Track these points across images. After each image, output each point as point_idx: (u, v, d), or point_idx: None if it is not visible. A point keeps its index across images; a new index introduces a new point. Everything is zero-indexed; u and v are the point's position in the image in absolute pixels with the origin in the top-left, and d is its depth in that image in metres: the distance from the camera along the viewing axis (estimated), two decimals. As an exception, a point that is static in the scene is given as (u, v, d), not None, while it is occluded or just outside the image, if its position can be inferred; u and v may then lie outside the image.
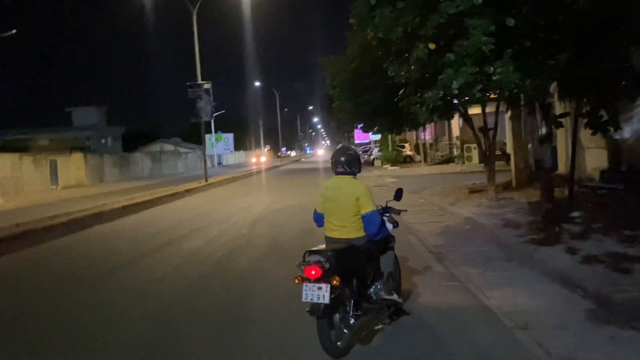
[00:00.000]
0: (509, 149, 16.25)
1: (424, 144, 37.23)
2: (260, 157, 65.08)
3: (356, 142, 61.92)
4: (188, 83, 24.74)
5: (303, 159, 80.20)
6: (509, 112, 14.75)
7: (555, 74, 7.10)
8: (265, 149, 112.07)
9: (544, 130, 8.74)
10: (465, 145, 30.72)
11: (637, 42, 7.70)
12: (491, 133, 12.39)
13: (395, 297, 4.68)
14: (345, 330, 4.02)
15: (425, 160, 35.36)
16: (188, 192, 19.87)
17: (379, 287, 4.55)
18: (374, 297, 4.48)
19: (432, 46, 6.77)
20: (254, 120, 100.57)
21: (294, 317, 5.12)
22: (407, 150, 40.67)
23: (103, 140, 69.95)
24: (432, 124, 33.48)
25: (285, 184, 25.09)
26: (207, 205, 15.99)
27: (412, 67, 8.05)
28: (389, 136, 38.44)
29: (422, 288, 5.90)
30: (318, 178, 28.34)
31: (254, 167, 45.86)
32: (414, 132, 42.38)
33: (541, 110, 8.08)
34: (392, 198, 5.06)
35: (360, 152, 49.05)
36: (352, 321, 4.06)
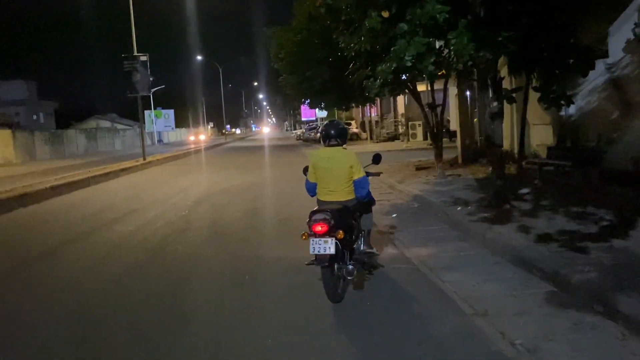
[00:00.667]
0: (455, 125, 16.24)
1: (369, 122, 37.16)
2: (199, 135, 59.80)
3: (303, 119, 61.32)
4: (123, 55, 23.23)
5: (249, 137, 78.63)
6: (455, 89, 14.69)
7: (509, 47, 6.83)
8: (209, 126, 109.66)
9: (494, 106, 8.54)
10: (410, 123, 30.85)
11: (584, 16, 7.57)
12: (439, 110, 12.23)
13: (374, 250, 5.44)
14: (347, 277, 4.61)
15: (371, 138, 35.31)
16: (124, 171, 18.73)
17: (360, 242, 5.21)
18: (358, 250, 5.07)
19: (385, 14, 6.34)
20: (196, 97, 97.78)
21: (236, 307, 4.63)
22: (353, 128, 40.50)
23: (35, 117, 66.26)
24: (378, 101, 33.45)
25: (228, 163, 24.27)
26: (144, 186, 15.07)
27: (363, 38, 7.60)
28: (336, 113, 38.14)
29: (374, 272, 5.55)
30: (263, 156, 27.68)
31: (196, 145, 44.34)
32: (360, 110, 42.32)
33: (492, 85, 7.84)
34: (371, 163, 5.59)
35: (306, 130, 48.51)
36: (350, 268, 4.55)
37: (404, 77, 9.47)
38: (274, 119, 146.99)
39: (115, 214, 10.01)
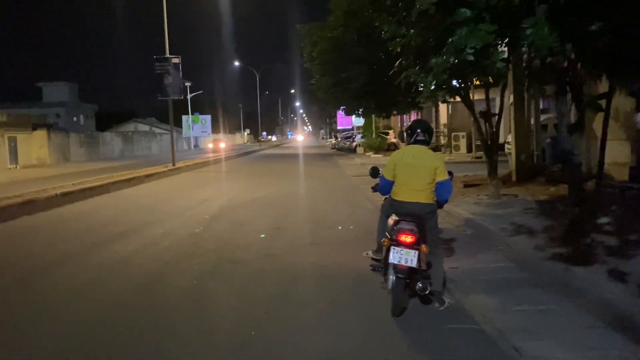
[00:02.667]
0: (510, 138, 14.57)
1: (408, 132, 35.53)
2: (218, 143, 51.07)
3: (338, 127, 60.01)
4: (155, 57, 22.47)
5: (284, 145, 77.86)
6: (511, 97, 13.05)
7: (602, 39, 5.31)
8: (245, 133, 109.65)
9: (571, 116, 6.96)
10: (453, 134, 29.12)
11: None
12: (494, 119, 10.67)
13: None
14: (420, 293, 4.32)
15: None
16: (149, 177, 17.77)
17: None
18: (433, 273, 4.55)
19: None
20: (233, 102, 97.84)
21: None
22: (391, 138, 38.89)
23: (75, 118, 67.44)
24: (417, 111, 31.77)
25: (258, 171, 23.11)
26: (166, 194, 13.98)
27: (412, 30, 6.20)
28: (373, 122, 36.66)
29: (424, 333, 4.12)
30: (295, 165, 26.44)
31: (229, 151, 43.61)
32: (399, 119, 40.67)
33: (572, 90, 6.30)
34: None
35: (341, 139, 47.11)
36: (424, 284, 4.27)
37: (455, 82, 8.03)
38: (310, 127, 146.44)
39: (121, 227, 8.86)
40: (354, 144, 39.57)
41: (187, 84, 60.09)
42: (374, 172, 5.34)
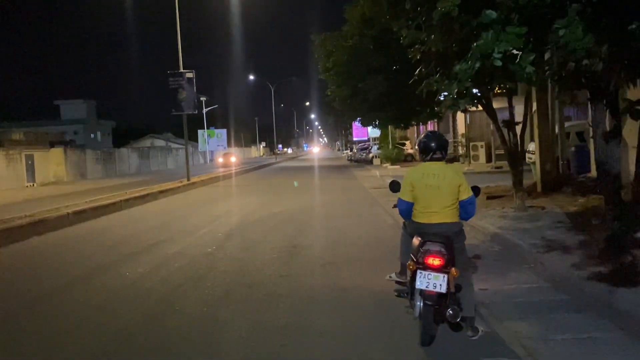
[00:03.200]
0: (532, 146, 14.05)
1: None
2: (229, 158, 46.64)
3: (354, 139, 59.69)
4: (168, 72, 22.42)
5: (300, 157, 77.69)
6: (534, 105, 12.57)
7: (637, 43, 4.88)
8: (261, 146, 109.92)
9: (605, 124, 6.48)
10: (471, 144, 28.55)
11: None
12: (518, 128, 10.21)
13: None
14: (450, 321, 3.91)
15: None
16: (163, 193, 17.56)
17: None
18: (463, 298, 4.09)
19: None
20: (248, 116, 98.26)
21: None
22: (408, 148, 38.41)
23: (92, 135, 68.31)
24: (435, 121, 31.25)
25: (273, 185, 22.81)
26: (178, 211, 13.70)
27: (433, 36, 5.82)
28: (390, 133, 36.25)
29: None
30: (311, 178, 26.10)
31: (244, 165, 43.45)
32: (415, 129, 40.20)
33: (606, 95, 5.84)
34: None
35: (358, 150, 46.75)
36: (455, 310, 3.82)
37: (476, 91, 7.62)
38: (325, 139, 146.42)
39: (132, 247, 8.55)
40: (371, 155, 39.17)
41: (203, 98, 60.46)
42: (395, 186, 4.95)
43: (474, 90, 7.76)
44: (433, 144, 4.35)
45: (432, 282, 3.82)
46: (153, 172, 43.79)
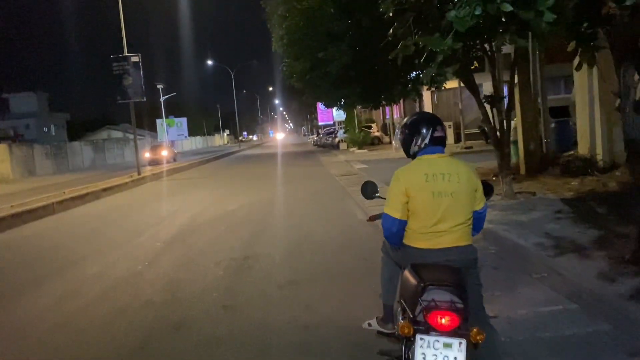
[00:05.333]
0: (513, 124, 12.83)
1: (391, 124, 33.69)
2: (159, 152, 33.72)
3: (320, 123, 58.10)
4: (112, 56, 20.31)
5: (265, 144, 75.67)
6: (516, 77, 11.30)
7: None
8: (225, 134, 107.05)
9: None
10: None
11: None
12: (504, 103, 8.90)
13: None
14: None
15: (392, 142, 31.87)
16: (107, 191, 15.66)
17: None
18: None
19: None
20: (211, 104, 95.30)
21: None
22: (375, 131, 37.12)
23: (45, 129, 65.16)
24: (399, 103, 29.87)
25: (233, 176, 21.12)
26: (119, 212, 11.94)
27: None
28: (355, 115, 34.80)
29: None
30: (274, 166, 24.50)
31: (206, 155, 41.43)
32: (380, 111, 38.85)
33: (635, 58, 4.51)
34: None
35: (323, 135, 45.20)
36: None
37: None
38: (291, 125, 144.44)
39: (40, 270, 6.82)
40: (337, 139, 37.76)
41: (160, 86, 57.78)
42: (368, 189, 3.47)
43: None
44: (428, 117, 2.97)
45: (442, 353, 2.34)
46: (109, 165, 41.41)
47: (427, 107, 31.32)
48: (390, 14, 5.10)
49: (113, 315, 4.74)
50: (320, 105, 59.20)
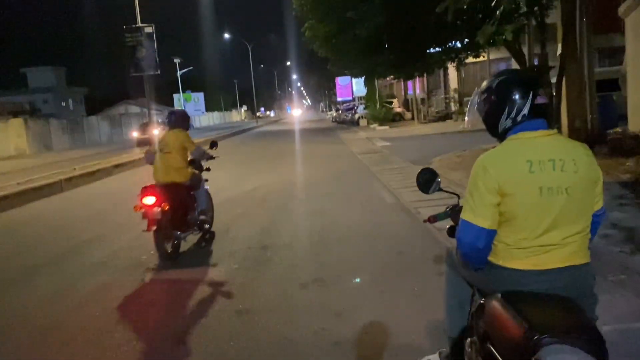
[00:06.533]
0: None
1: (414, 100, 32.51)
2: (150, 131, 24.16)
3: (338, 99, 56.93)
4: (125, 27, 19.50)
5: (282, 120, 74.69)
6: (559, 47, 10.21)
7: None
8: (242, 109, 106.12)
9: None
10: (465, 99, 26.32)
11: None
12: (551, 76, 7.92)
13: None
14: None
15: (416, 118, 30.77)
16: (118, 167, 15.04)
17: None
18: None
19: None
20: (228, 79, 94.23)
21: None
22: (396, 107, 35.96)
23: (63, 104, 65.32)
24: (422, 77, 28.52)
25: (251, 153, 20.39)
26: (128, 192, 11.19)
27: None
28: (377, 90, 33.68)
29: None
30: (292, 144, 23.65)
31: (222, 130, 40.67)
32: (402, 85, 37.54)
33: None
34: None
35: (342, 111, 44.07)
36: None
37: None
38: (308, 101, 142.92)
39: (37, 257, 6.15)
40: (357, 115, 36.70)
41: (177, 60, 57.03)
42: (428, 180, 2.54)
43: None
44: (526, 78, 2.06)
45: None
46: (126, 140, 40.91)
47: (453, 82, 30.09)
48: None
49: (105, 321, 4.01)
50: (339, 80, 57.93)
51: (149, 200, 5.01)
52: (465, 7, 3.75)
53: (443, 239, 5.48)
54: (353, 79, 40.51)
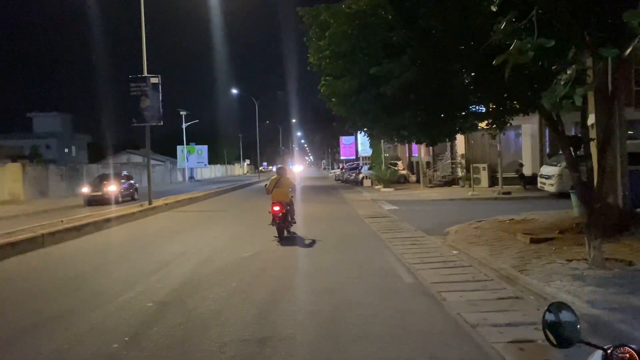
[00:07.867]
0: (549, 170, 10.93)
1: (419, 163, 31.87)
2: (104, 186, 23.19)
3: (342, 157, 56.61)
4: (130, 76, 19.09)
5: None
6: (591, 117, 9.48)
7: None
8: (245, 163, 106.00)
9: None
10: (473, 166, 25.65)
11: None
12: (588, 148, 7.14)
13: None
14: None
15: (421, 181, 30.00)
16: (110, 221, 14.06)
17: None
18: None
19: None
20: (233, 133, 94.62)
21: None
22: (401, 169, 35.36)
23: (67, 150, 65.29)
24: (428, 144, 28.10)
25: (251, 211, 19.46)
26: (114, 252, 10.27)
27: None
28: (382, 151, 33.17)
29: None
30: (295, 203, 22.71)
31: (222, 185, 39.90)
32: (406, 148, 37.08)
33: None
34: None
35: (346, 170, 43.51)
36: None
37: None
38: (311, 157, 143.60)
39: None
40: (361, 175, 36.01)
41: (183, 112, 57.25)
42: (566, 329, 1.78)
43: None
44: None
45: None
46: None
47: (460, 148, 29.55)
48: (494, 8, 3.42)
49: None
50: (343, 140, 57.77)
51: (277, 207, 10.39)
52: (531, 62, 3.03)
53: (480, 339, 4.47)
54: (359, 138, 40.19)
